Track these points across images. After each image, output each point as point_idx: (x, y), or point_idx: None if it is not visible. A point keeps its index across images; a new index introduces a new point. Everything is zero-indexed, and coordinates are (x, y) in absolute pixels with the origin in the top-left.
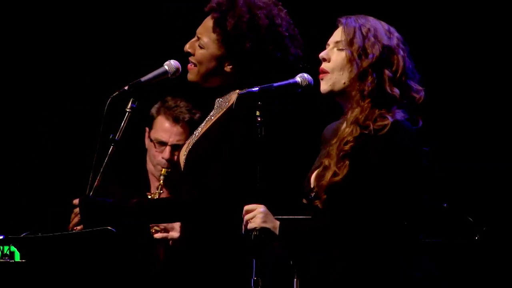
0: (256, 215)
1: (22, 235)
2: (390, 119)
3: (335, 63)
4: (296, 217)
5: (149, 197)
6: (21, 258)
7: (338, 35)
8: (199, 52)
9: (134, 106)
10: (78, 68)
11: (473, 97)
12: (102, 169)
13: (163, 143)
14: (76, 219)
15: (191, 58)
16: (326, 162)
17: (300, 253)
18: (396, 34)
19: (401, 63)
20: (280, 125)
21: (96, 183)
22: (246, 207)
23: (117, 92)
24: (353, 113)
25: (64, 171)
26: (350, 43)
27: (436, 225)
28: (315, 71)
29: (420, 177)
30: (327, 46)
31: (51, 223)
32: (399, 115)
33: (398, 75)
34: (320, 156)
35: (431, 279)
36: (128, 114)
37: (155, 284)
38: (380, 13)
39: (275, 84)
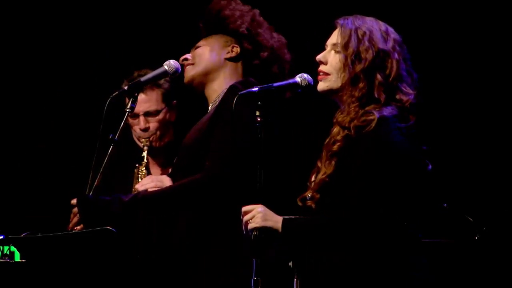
0: (256, 215)
1: (22, 235)
2: (376, 115)
3: (331, 66)
4: (295, 217)
5: (136, 169)
6: (21, 258)
7: (335, 37)
8: (197, 51)
9: (134, 106)
10: (78, 69)
11: (471, 99)
12: (102, 169)
13: (135, 115)
14: (75, 219)
15: (188, 61)
16: (318, 163)
17: (300, 253)
18: (393, 35)
19: (395, 67)
20: (279, 125)
21: (96, 183)
22: (244, 209)
23: (116, 92)
24: (342, 115)
25: (64, 171)
26: (345, 47)
27: (436, 225)
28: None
29: (409, 171)
30: (326, 48)
31: (51, 223)
32: (387, 111)
33: (390, 79)
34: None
35: (426, 280)
36: (127, 114)
37: (155, 283)
38: (379, 12)
39: (275, 84)
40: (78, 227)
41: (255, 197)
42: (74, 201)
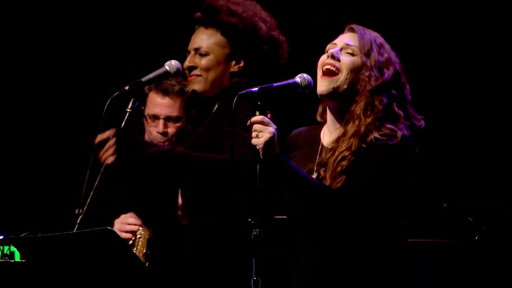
0: (264, 134)
1: (22, 235)
2: (399, 132)
3: (343, 64)
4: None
5: None
6: (21, 258)
7: (349, 39)
8: (205, 59)
9: (135, 106)
10: (78, 69)
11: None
12: (102, 169)
13: (155, 117)
14: (110, 150)
15: (195, 71)
16: (321, 173)
17: (300, 253)
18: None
19: (407, 86)
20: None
21: (96, 183)
22: (258, 122)
23: (117, 92)
24: (354, 126)
25: (64, 171)
26: (367, 54)
27: (436, 225)
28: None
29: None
30: (333, 46)
31: (51, 223)
32: (406, 131)
33: (402, 98)
34: (299, 162)
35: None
36: (128, 114)
37: (155, 284)
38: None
39: (274, 84)
40: (110, 160)
41: (255, 197)
42: (108, 134)
